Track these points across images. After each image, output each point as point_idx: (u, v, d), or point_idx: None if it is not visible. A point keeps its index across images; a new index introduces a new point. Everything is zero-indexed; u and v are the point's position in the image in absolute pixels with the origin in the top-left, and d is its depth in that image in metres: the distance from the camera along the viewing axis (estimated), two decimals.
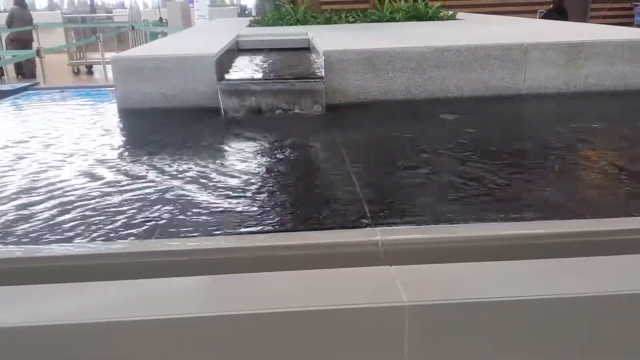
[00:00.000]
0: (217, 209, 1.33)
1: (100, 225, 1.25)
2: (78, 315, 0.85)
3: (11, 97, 2.96)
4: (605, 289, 0.91)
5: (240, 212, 1.32)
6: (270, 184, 1.54)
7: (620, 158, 1.75)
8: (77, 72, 11.39)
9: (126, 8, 16.08)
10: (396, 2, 5.28)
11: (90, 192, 1.46)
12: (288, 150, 1.88)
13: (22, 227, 1.25)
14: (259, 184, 1.53)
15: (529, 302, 0.89)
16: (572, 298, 0.90)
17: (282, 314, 0.86)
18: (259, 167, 1.68)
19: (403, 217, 1.27)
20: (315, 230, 1.22)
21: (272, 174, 1.62)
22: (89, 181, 1.55)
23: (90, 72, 11.48)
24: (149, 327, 0.85)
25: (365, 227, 1.22)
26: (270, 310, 0.86)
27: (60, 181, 1.56)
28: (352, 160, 1.71)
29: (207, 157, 1.77)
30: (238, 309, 0.86)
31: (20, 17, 11.25)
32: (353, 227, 1.22)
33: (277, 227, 1.24)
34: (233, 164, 1.70)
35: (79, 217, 1.30)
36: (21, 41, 10.68)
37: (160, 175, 1.59)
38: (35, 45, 10.22)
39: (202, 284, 0.97)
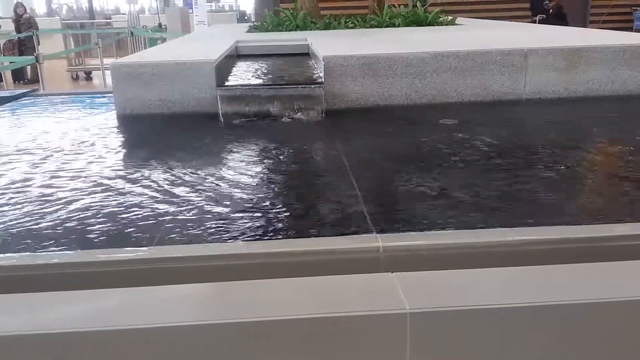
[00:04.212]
0: (212, 217, 1.33)
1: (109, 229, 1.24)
2: (79, 324, 0.84)
3: (10, 103, 2.96)
4: (608, 295, 0.91)
5: (236, 219, 1.31)
6: (267, 192, 1.53)
7: None
8: (75, 78, 11.39)
9: (125, 14, 16.13)
10: (395, 7, 5.29)
11: (90, 198, 1.46)
12: (287, 157, 1.87)
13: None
14: (256, 191, 1.52)
15: (530, 309, 0.89)
16: (574, 304, 0.89)
17: (283, 322, 0.86)
18: (257, 175, 1.67)
19: (405, 225, 1.26)
20: (316, 237, 1.21)
21: (270, 182, 1.61)
22: (87, 188, 1.55)
23: (89, 78, 11.48)
24: (150, 335, 0.84)
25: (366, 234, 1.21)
26: (271, 317, 0.85)
27: (59, 187, 1.55)
28: (352, 167, 1.70)
29: (205, 165, 1.76)
30: (239, 316, 0.86)
31: None
32: (354, 234, 1.21)
33: (274, 235, 1.23)
34: (231, 171, 1.69)
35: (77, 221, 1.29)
36: (33, 47, 10.56)
37: (157, 183, 1.59)
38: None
39: (204, 292, 0.96)
